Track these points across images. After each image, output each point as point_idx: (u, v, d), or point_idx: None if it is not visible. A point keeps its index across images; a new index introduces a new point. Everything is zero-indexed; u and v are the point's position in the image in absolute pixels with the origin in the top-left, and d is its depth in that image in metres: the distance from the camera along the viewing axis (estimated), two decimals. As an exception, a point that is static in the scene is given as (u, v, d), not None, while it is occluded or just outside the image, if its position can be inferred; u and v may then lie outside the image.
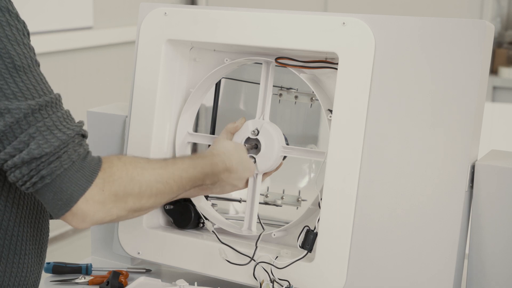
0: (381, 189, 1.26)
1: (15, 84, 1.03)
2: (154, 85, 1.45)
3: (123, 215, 1.14)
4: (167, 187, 1.18)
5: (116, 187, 1.10)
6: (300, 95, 1.45)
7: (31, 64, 1.06)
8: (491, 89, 3.73)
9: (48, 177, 1.04)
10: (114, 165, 1.11)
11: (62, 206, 1.06)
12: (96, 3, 3.44)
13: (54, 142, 1.04)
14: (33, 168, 1.04)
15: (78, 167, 1.06)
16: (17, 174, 1.05)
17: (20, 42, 1.05)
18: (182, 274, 1.44)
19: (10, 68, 1.03)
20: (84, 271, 1.50)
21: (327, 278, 1.29)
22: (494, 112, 2.53)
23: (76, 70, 3.30)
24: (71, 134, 1.06)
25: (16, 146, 1.03)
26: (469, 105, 1.21)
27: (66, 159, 1.05)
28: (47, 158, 1.04)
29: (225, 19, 1.38)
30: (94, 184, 1.07)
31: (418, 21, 1.24)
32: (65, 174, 1.05)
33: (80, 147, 1.07)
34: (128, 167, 1.13)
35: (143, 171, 1.15)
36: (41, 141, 1.03)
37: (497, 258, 1.23)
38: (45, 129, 1.04)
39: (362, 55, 1.27)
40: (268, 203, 1.49)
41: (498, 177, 1.22)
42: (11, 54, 1.03)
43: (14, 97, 1.03)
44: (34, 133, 1.03)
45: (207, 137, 1.48)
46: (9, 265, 1.15)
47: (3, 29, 1.04)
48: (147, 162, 1.18)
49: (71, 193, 1.05)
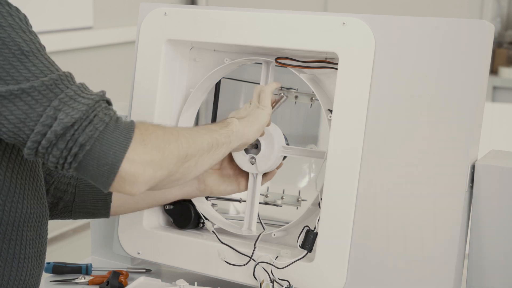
0: (381, 189, 1.26)
1: (26, 69, 1.03)
2: (154, 85, 1.45)
3: (173, 169, 1.11)
4: (195, 133, 1.18)
5: (156, 139, 1.08)
6: (300, 95, 1.45)
7: (39, 48, 1.06)
8: (491, 89, 3.73)
9: (87, 144, 1.02)
10: (145, 123, 1.11)
11: (109, 171, 1.03)
12: (96, 3, 3.44)
13: (81, 107, 1.03)
14: (69, 139, 1.02)
15: (113, 127, 1.05)
16: (55, 152, 1.03)
17: (24, 29, 1.05)
18: (182, 274, 1.44)
19: (18, 55, 1.03)
20: (84, 271, 1.50)
21: (327, 278, 1.29)
22: (494, 112, 2.53)
23: (76, 70, 3.29)
24: (96, 98, 1.06)
25: (44, 122, 1.02)
26: (469, 105, 1.21)
27: (98, 122, 1.03)
28: (80, 124, 1.02)
29: (225, 19, 1.38)
30: (134, 140, 1.05)
31: (418, 21, 1.24)
32: (103, 136, 1.03)
33: (109, 110, 1.07)
34: (155, 124, 1.13)
35: (168, 126, 1.15)
36: (68, 110, 1.02)
37: (497, 258, 1.23)
38: (68, 99, 1.03)
39: (362, 55, 1.27)
40: (268, 203, 1.49)
41: (498, 177, 1.22)
42: (17, 41, 1.03)
43: (27, 81, 1.02)
44: (58, 105, 1.02)
45: (207, 137, 1.48)
46: (8, 268, 1.14)
47: (5, 19, 1.04)
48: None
49: (114, 153, 1.03)
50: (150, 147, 1.07)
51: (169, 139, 1.11)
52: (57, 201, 1.41)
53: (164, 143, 1.10)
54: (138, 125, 1.08)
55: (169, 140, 1.11)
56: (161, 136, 1.10)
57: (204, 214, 1.45)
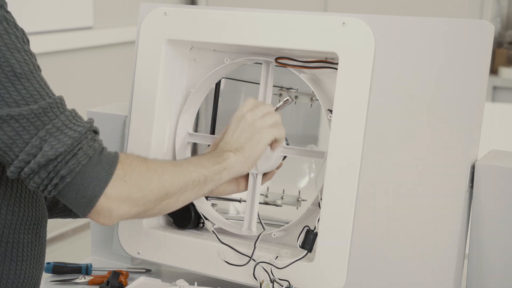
0: (381, 189, 1.26)
1: (17, 92, 1.02)
2: (154, 85, 1.45)
3: (150, 206, 1.12)
4: (182, 169, 1.17)
5: (137, 176, 1.09)
6: (300, 95, 1.45)
7: (33, 69, 1.05)
8: (491, 89, 3.73)
9: (68, 176, 1.04)
10: (130, 156, 1.11)
11: (87, 203, 1.05)
12: (96, 3, 3.44)
13: (67, 140, 1.04)
14: (51, 170, 1.03)
15: (96, 161, 1.05)
16: (36, 179, 1.04)
17: (20, 49, 1.04)
18: (182, 274, 1.44)
19: (10, 77, 1.02)
20: (84, 271, 1.50)
21: (327, 278, 1.29)
22: (494, 112, 2.53)
23: (76, 70, 3.30)
24: (82, 131, 1.06)
25: (29, 151, 1.02)
26: (469, 105, 1.21)
27: (82, 155, 1.04)
28: (63, 157, 1.03)
29: (225, 19, 1.38)
30: (115, 175, 1.06)
31: (418, 21, 1.24)
32: (84, 170, 1.04)
33: (95, 142, 1.07)
34: (141, 158, 1.13)
35: (154, 161, 1.15)
36: (54, 142, 1.03)
37: (497, 258, 1.23)
38: (55, 130, 1.04)
39: (362, 55, 1.27)
40: (268, 203, 1.49)
41: (498, 177, 1.22)
42: (10, 62, 1.02)
43: (16, 105, 1.02)
44: (44, 136, 1.03)
45: (207, 137, 1.48)
46: (6, 271, 1.14)
47: (1, 37, 1.03)
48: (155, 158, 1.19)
49: (93, 188, 1.04)
50: (129, 184, 1.08)
51: (151, 177, 1.11)
52: (57, 200, 1.41)
53: (145, 181, 1.10)
54: (122, 159, 1.08)
55: (151, 178, 1.11)
56: (143, 173, 1.11)
57: (204, 214, 1.45)
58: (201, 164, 1.21)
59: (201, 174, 1.20)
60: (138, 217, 1.14)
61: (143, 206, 1.11)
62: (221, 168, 1.23)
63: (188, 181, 1.17)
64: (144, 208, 1.11)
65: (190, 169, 1.19)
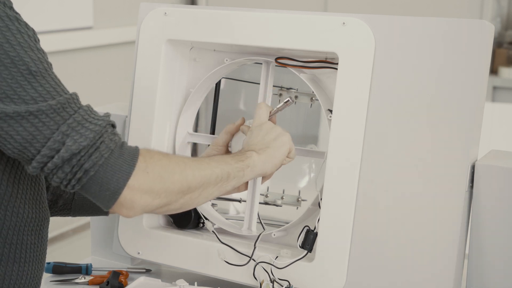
0: (381, 189, 1.26)
1: (33, 90, 1.03)
2: (154, 85, 1.45)
3: (173, 199, 1.12)
4: (204, 165, 1.17)
5: (159, 168, 1.10)
6: (300, 95, 1.45)
7: (47, 67, 1.06)
8: (491, 89, 3.72)
9: (92, 170, 1.04)
10: (151, 150, 1.12)
11: (110, 196, 1.06)
12: (96, 3, 3.44)
13: (89, 134, 1.04)
14: (75, 164, 1.04)
15: (118, 154, 1.06)
16: (60, 174, 1.04)
17: (33, 47, 1.05)
18: (182, 274, 1.44)
19: (26, 75, 1.03)
20: (84, 271, 1.50)
21: (327, 278, 1.29)
22: (494, 112, 2.53)
23: (76, 70, 3.30)
24: (103, 124, 1.07)
25: (52, 146, 1.03)
26: (469, 105, 1.21)
27: (104, 149, 1.05)
28: (86, 151, 1.04)
29: (225, 19, 1.38)
30: (137, 167, 1.07)
31: (418, 21, 1.24)
32: (107, 163, 1.05)
33: (115, 135, 1.08)
34: (162, 152, 1.14)
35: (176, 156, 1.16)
36: (76, 136, 1.04)
37: (497, 258, 1.23)
38: (76, 124, 1.04)
39: (362, 55, 1.27)
40: (268, 203, 1.49)
41: (498, 177, 1.22)
42: (25, 60, 1.03)
43: (34, 102, 1.03)
44: (66, 130, 1.03)
45: (207, 137, 1.48)
46: (8, 272, 1.14)
47: (15, 37, 1.04)
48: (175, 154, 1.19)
49: (116, 180, 1.05)
50: (152, 175, 1.08)
51: (173, 170, 1.12)
52: (57, 199, 1.41)
53: (167, 173, 1.11)
54: (143, 152, 1.09)
55: (173, 170, 1.12)
56: (165, 165, 1.11)
57: (204, 214, 1.45)
58: (224, 161, 1.22)
59: (224, 171, 1.20)
60: (161, 211, 1.14)
61: (165, 198, 1.11)
62: (244, 166, 1.23)
63: (211, 176, 1.17)
64: (166, 200, 1.12)
65: (212, 164, 1.19)
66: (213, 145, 1.41)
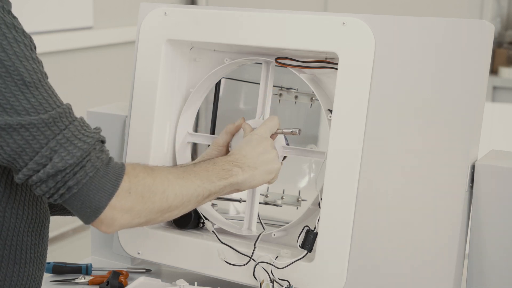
0: (381, 189, 1.26)
1: (26, 100, 1.03)
2: (154, 85, 1.45)
3: (152, 217, 1.14)
4: (188, 183, 1.17)
5: (142, 188, 1.10)
6: (300, 95, 1.45)
7: (41, 78, 1.05)
8: (491, 89, 3.72)
9: (75, 187, 1.05)
10: (137, 167, 1.12)
11: (91, 213, 1.07)
12: (96, 3, 3.44)
13: (76, 152, 1.05)
14: (59, 180, 1.04)
15: (103, 173, 1.07)
16: (44, 188, 1.05)
17: (28, 57, 1.05)
18: (182, 274, 1.44)
19: (20, 85, 1.02)
20: (84, 271, 1.50)
21: (327, 278, 1.29)
22: (494, 112, 2.53)
23: (76, 70, 3.30)
24: (91, 142, 1.07)
25: (39, 161, 1.03)
26: (469, 105, 1.21)
27: (90, 167, 1.06)
28: (72, 168, 1.04)
29: (225, 19, 1.38)
30: (121, 188, 1.07)
31: (418, 21, 1.24)
32: (91, 181, 1.06)
33: (102, 153, 1.08)
34: (147, 169, 1.14)
35: (161, 172, 1.15)
36: (63, 153, 1.04)
37: (497, 258, 1.23)
38: (65, 140, 1.04)
39: (362, 55, 1.27)
40: (268, 203, 1.49)
41: (498, 177, 1.22)
42: (20, 71, 1.03)
43: (26, 113, 1.03)
44: (55, 146, 1.04)
45: (207, 137, 1.48)
46: (9, 273, 1.14)
47: (11, 46, 1.03)
48: (159, 166, 1.19)
49: (98, 199, 1.06)
50: (134, 195, 1.09)
51: (156, 190, 1.12)
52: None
53: (149, 193, 1.11)
54: (128, 171, 1.10)
55: (155, 191, 1.12)
56: (148, 185, 1.12)
57: (204, 214, 1.45)
58: (208, 178, 1.21)
59: (206, 189, 1.20)
60: (139, 226, 1.16)
61: (144, 218, 1.13)
62: (226, 184, 1.24)
63: (192, 195, 1.18)
64: (145, 219, 1.13)
65: (196, 183, 1.19)
66: (213, 146, 1.41)
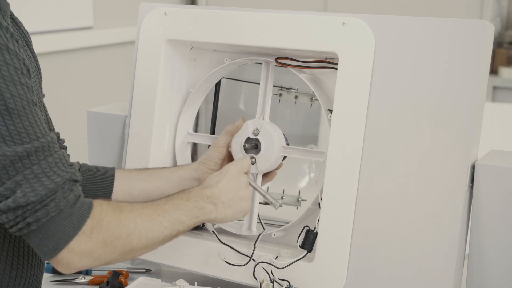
0: (381, 189, 1.26)
1: (5, 128, 1.00)
2: (154, 85, 1.45)
3: (113, 259, 1.11)
4: (156, 226, 1.14)
5: (104, 233, 1.07)
6: (300, 95, 1.46)
7: (25, 105, 1.02)
8: (491, 89, 3.72)
9: (34, 224, 1.02)
10: (104, 210, 1.08)
11: (48, 252, 1.04)
12: (96, 3, 3.44)
13: (41, 190, 1.02)
14: (19, 215, 1.02)
15: (66, 214, 1.04)
16: (3, 218, 1.02)
17: (16, 82, 1.01)
18: (182, 274, 1.44)
19: (2, 111, 0.99)
20: (84, 271, 1.50)
21: (327, 278, 1.29)
22: (494, 112, 2.53)
23: (76, 70, 3.29)
24: (60, 182, 1.03)
25: (2, 192, 1.01)
26: (469, 105, 1.21)
27: (53, 207, 1.02)
28: (33, 206, 1.02)
29: (225, 19, 1.38)
30: (82, 232, 1.04)
31: (418, 21, 1.24)
32: (52, 221, 1.03)
33: (70, 193, 1.05)
34: (115, 211, 1.10)
35: (129, 213, 1.11)
36: (28, 189, 1.01)
37: (497, 258, 1.23)
38: (32, 176, 1.01)
39: (362, 55, 1.27)
40: (268, 203, 1.49)
41: (498, 177, 1.22)
42: (4, 96, 0.99)
43: (2, 141, 1.00)
44: (21, 180, 1.01)
45: (207, 137, 1.48)
46: (6, 279, 1.14)
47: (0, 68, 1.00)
48: (131, 205, 1.15)
49: (57, 241, 1.03)
50: (95, 240, 1.06)
51: (120, 234, 1.09)
52: None
53: (112, 238, 1.08)
54: (94, 214, 1.06)
55: (119, 235, 1.09)
56: (112, 229, 1.08)
57: (204, 214, 1.44)
58: (178, 218, 1.18)
59: (174, 230, 1.17)
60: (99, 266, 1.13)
61: (105, 260, 1.10)
62: (197, 222, 1.21)
63: (158, 238, 1.15)
64: (105, 262, 1.10)
65: (163, 225, 1.15)
66: (213, 146, 1.41)
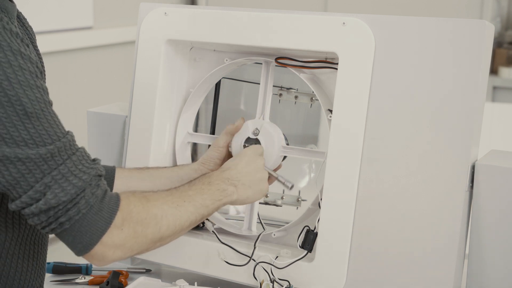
0: (381, 189, 1.26)
1: (26, 131, 1.01)
2: (154, 85, 1.45)
3: (144, 249, 1.13)
4: (182, 212, 1.16)
5: (135, 224, 1.09)
6: (300, 95, 1.45)
7: (43, 107, 1.03)
8: (491, 89, 3.72)
9: (67, 223, 1.04)
10: (131, 202, 1.10)
11: (82, 248, 1.06)
12: (96, 3, 3.44)
13: (71, 189, 1.03)
14: (51, 216, 1.03)
15: (97, 209, 1.06)
16: (36, 220, 1.04)
17: (33, 85, 1.02)
18: (182, 274, 1.44)
19: (21, 115, 1.01)
20: (84, 271, 1.50)
21: (327, 278, 1.29)
22: (494, 112, 2.53)
23: (76, 70, 3.29)
24: (87, 179, 1.05)
25: (32, 196, 1.02)
26: (469, 105, 1.21)
27: (83, 204, 1.04)
28: (65, 205, 1.03)
29: (225, 19, 1.38)
30: (113, 225, 1.06)
31: (418, 21, 1.24)
32: (84, 218, 1.05)
33: (98, 188, 1.07)
34: (142, 200, 1.12)
35: (156, 202, 1.14)
36: (57, 190, 1.03)
37: (497, 258, 1.23)
38: (60, 177, 1.03)
39: (362, 55, 1.27)
40: (268, 203, 1.49)
41: (498, 177, 1.22)
42: (22, 101, 1.01)
43: (25, 145, 1.01)
44: (49, 182, 1.02)
45: (207, 137, 1.48)
46: (9, 282, 1.14)
47: (15, 74, 1.01)
48: (156, 193, 1.17)
49: (90, 236, 1.05)
50: (126, 231, 1.08)
51: (149, 223, 1.11)
52: None
53: (142, 227, 1.10)
54: (123, 206, 1.08)
55: (148, 224, 1.11)
56: (141, 220, 1.10)
57: (204, 214, 1.44)
58: (202, 203, 1.20)
59: (199, 215, 1.20)
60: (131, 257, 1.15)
61: (136, 251, 1.12)
62: (220, 205, 1.24)
63: (185, 223, 1.18)
64: (137, 252, 1.12)
65: (189, 210, 1.18)
66: (213, 146, 1.41)
